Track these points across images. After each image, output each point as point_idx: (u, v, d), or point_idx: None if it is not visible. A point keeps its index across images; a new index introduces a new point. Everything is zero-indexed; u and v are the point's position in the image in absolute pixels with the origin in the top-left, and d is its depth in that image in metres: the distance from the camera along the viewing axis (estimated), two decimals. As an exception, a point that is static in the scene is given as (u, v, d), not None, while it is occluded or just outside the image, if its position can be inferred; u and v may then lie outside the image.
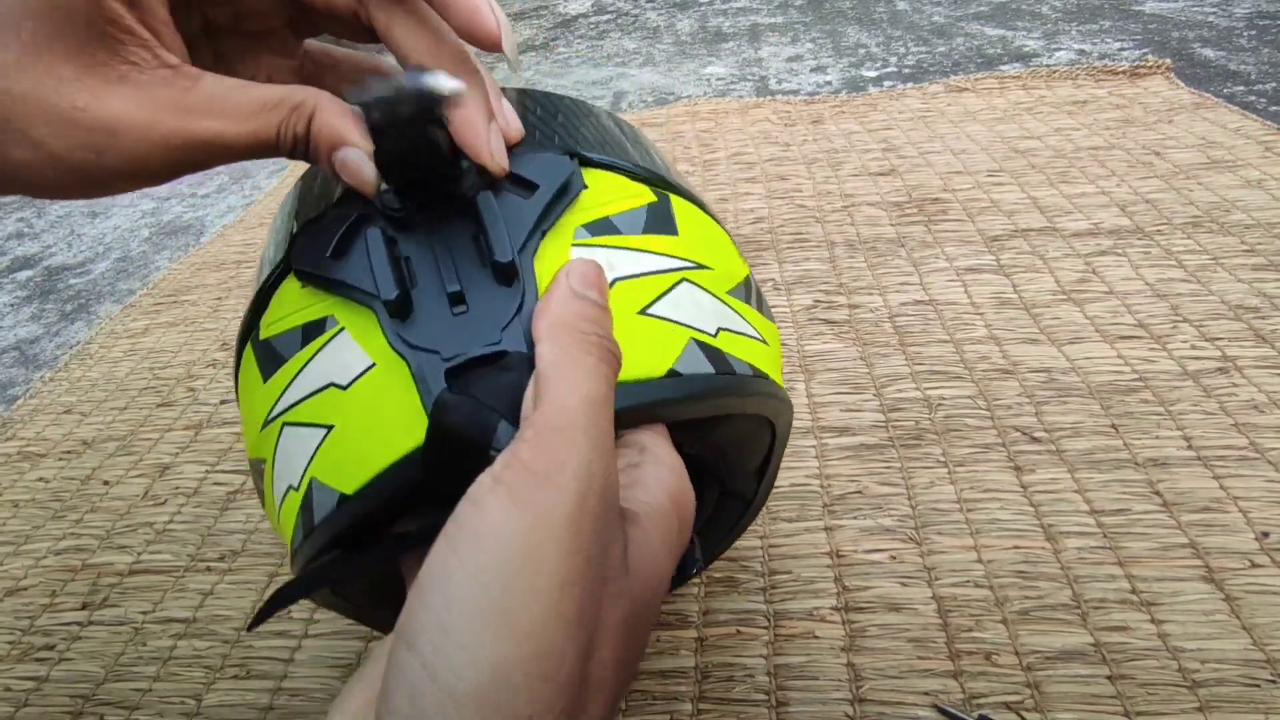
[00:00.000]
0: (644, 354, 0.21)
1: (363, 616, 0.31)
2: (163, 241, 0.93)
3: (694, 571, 0.22)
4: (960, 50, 1.10)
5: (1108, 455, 0.42)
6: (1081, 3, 1.21)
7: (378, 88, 0.19)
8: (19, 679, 0.40)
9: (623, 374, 0.20)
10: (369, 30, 0.23)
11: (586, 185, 0.23)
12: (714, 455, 0.27)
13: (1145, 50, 1.00)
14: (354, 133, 0.21)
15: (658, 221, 0.24)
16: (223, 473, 0.51)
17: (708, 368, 0.22)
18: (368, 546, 0.21)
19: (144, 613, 0.42)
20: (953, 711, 0.31)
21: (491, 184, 0.22)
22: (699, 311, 0.23)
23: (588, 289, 0.20)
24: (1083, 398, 0.46)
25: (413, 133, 0.19)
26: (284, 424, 0.22)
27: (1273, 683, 0.31)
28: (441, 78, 0.19)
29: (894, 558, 0.38)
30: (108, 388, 0.63)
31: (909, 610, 0.36)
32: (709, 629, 0.36)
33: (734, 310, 0.25)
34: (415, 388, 0.20)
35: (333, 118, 0.21)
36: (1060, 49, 1.05)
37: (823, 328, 0.56)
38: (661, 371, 0.21)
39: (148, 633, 0.41)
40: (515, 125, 0.23)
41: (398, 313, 0.20)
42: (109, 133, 0.20)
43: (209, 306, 0.73)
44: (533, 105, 0.26)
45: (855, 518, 0.41)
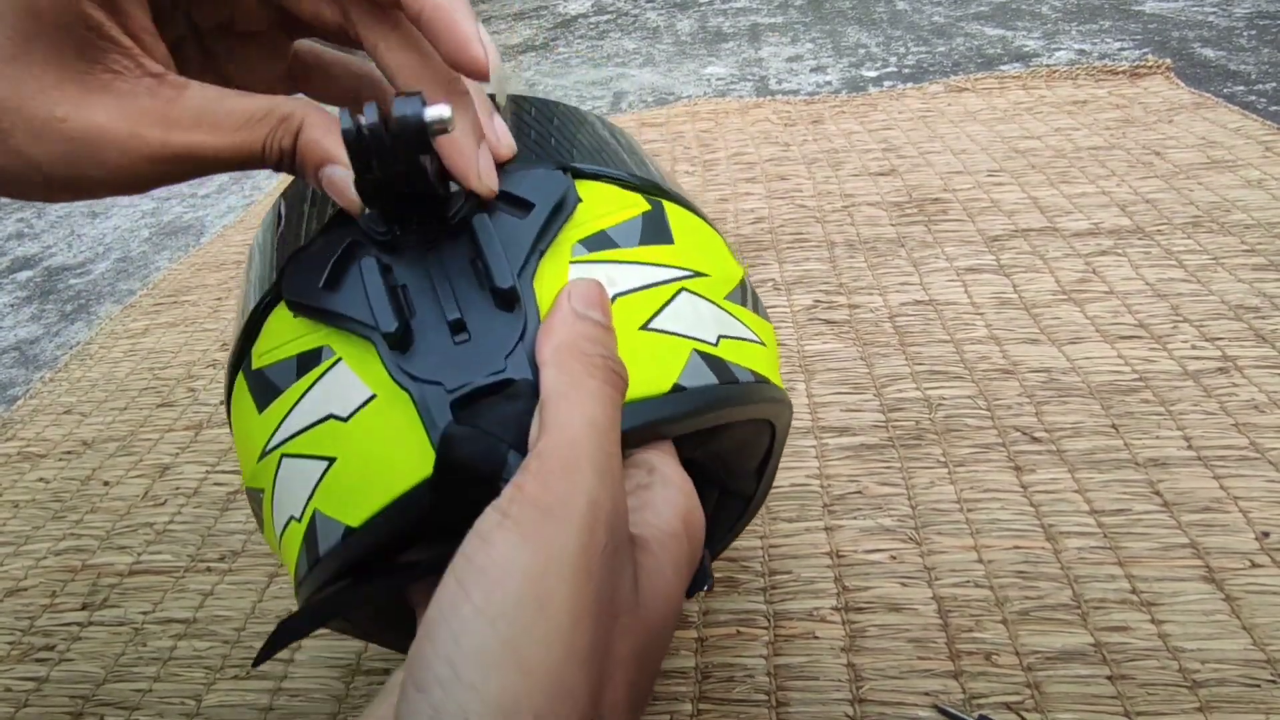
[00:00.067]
0: (647, 370, 0.21)
1: (369, 636, 0.30)
2: (163, 242, 0.93)
3: (706, 588, 0.21)
4: (960, 50, 1.10)
5: (1108, 455, 0.42)
6: (1081, 3, 1.21)
7: (366, 114, 0.18)
8: (19, 679, 0.40)
9: (628, 393, 0.20)
10: (356, 41, 0.22)
11: (581, 199, 0.23)
12: (715, 459, 0.27)
13: (1145, 50, 1.00)
14: (341, 150, 0.20)
15: (653, 231, 0.24)
16: (223, 473, 0.51)
17: (711, 378, 0.22)
18: (375, 577, 0.20)
19: (144, 613, 0.42)
20: (953, 712, 0.31)
21: (484, 204, 0.22)
22: (699, 321, 0.23)
23: (590, 309, 0.20)
24: (1083, 398, 0.46)
25: (399, 162, 0.19)
26: (283, 455, 0.22)
27: (1273, 683, 0.31)
28: (430, 106, 0.18)
29: (894, 558, 0.38)
30: (108, 388, 0.63)
31: (909, 610, 0.36)
32: (709, 629, 0.36)
33: (732, 316, 0.25)
34: (419, 419, 0.19)
35: (320, 134, 0.20)
36: (1060, 49, 1.05)
37: (823, 328, 0.56)
38: (666, 387, 0.21)
39: (148, 633, 0.41)
40: (507, 142, 0.23)
41: (398, 345, 0.20)
42: (91, 145, 0.19)
43: (209, 307, 0.73)
44: (528, 112, 0.26)
45: (855, 518, 0.41)
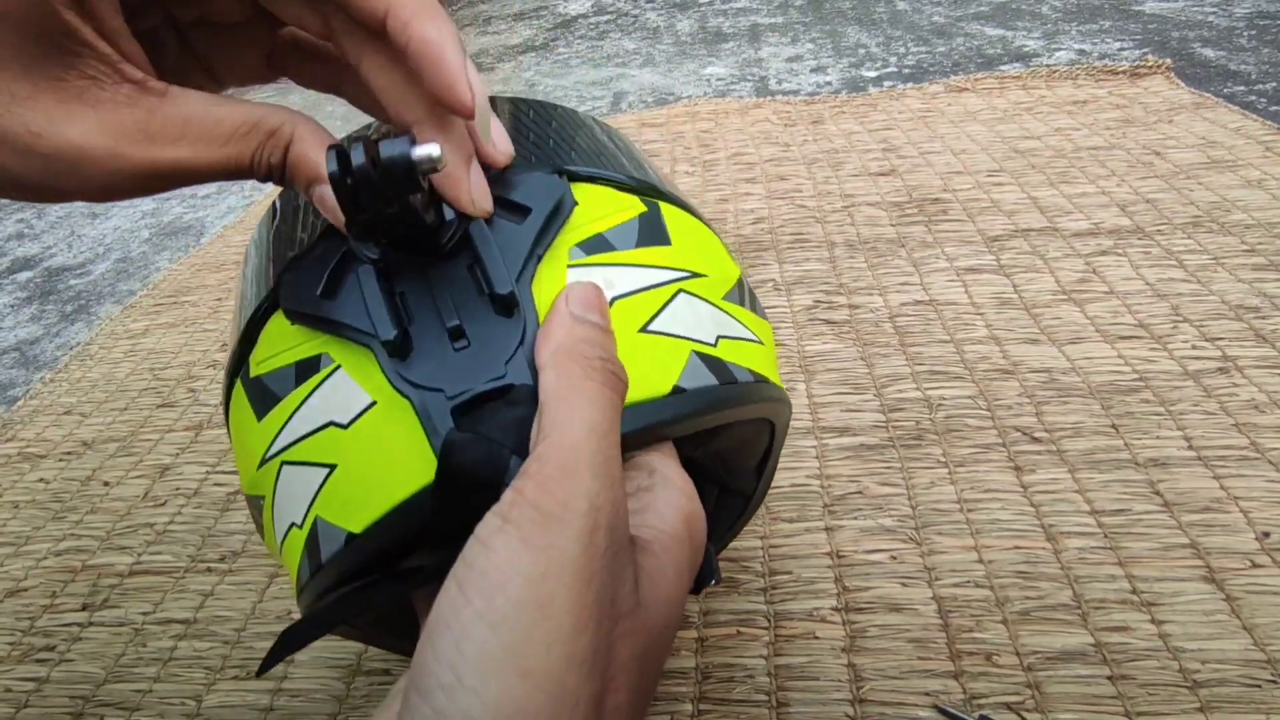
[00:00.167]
0: (647, 373, 0.21)
1: (372, 641, 0.30)
2: (163, 242, 0.93)
3: (714, 581, 0.21)
4: (960, 50, 1.10)
5: (1108, 455, 0.42)
6: (1081, 3, 1.21)
7: (353, 155, 0.18)
8: (19, 680, 0.40)
9: (628, 395, 0.20)
10: (337, 60, 0.21)
11: (577, 202, 0.23)
12: (715, 458, 0.27)
13: (1145, 50, 1.00)
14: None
15: (650, 233, 0.24)
16: (223, 473, 0.51)
17: (711, 380, 0.22)
18: (378, 583, 0.20)
19: (144, 614, 0.42)
20: (953, 712, 0.31)
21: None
22: (698, 322, 0.23)
23: (588, 312, 0.20)
24: (1083, 398, 0.46)
25: (389, 204, 0.18)
26: (283, 463, 0.22)
27: (1273, 683, 0.31)
28: (418, 146, 0.18)
29: (894, 558, 0.38)
30: (108, 389, 0.63)
31: (909, 611, 0.36)
32: (709, 629, 0.36)
33: (730, 315, 0.25)
34: (420, 426, 0.19)
35: (311, 150, 0.20)
36: (1060, 49, 1.05)
37: (823, 328, 0.56)
38: (666, 389, 0.21)
39: (148, 634, 0.41)
40: (505, 149, 0.22)
41: (397, 352, 0.20)
42: (70, 162, 0.18)
43: (209, 307, 0.73)
44: (526, 114, 0.26)
45: (855, 518, 0.41)
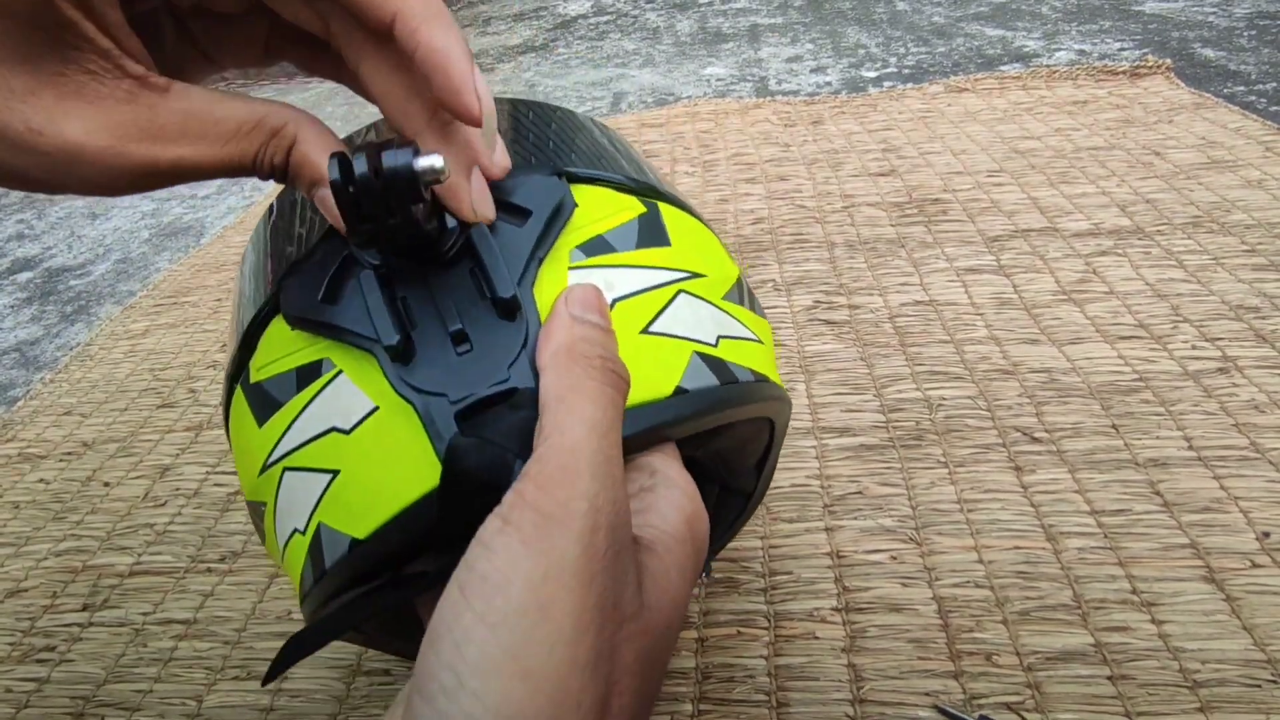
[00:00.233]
0: (650, 374, 0.21)
1: (377, 645, 0.30)
2: (163, 243, 0.93)
3: (704, 576, 0.22)
4: (960, 50, 1.10)
5: (1108, 455, 0.42)
6: (1081, 3, 1.21)
7: (355, 164, 0.18)
8: (20, 680, 0.40)
9: (630, 397, 0.20)
10: (338, 56, 0.21)
11: (577, 204, 0.23)
12: (715, 457, 0.27)
13: (1145, 50, 1.00)
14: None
15: (650, 234, 0.24)
16: (223, 474, 0.51)
17: (712, 380, 0.22)
18: (383, 589, 0.20)
19: (144, 614, 0.42)
20: (953, 712, 0.31)
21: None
22: (698, 322, 0.23)
23: (587, 312, 0.20)
24: (1083, 398, 0.46)
25: (391, 214, 0.18)
26: (285, 469, 0.22)
27: (1273, 683, 0.31)
28: (421, 157, 0.18)
29: (894, 558, 0.38)
30: (108, 389, 0.63)
31: (909, 611, 0.36)
32: (709, 629, 0.36)
33: (730, 315, 0.25)
34: (424, 431, 0.19)
35: (314, 152, 0.20)
36: (1060, 49, 1.05)
37: (823, 328, 0.56)
38: (668, 390, 0.21)
39: (148, 634, 0.41)
40: (502, 163, 0.22)
41: (400, 357, 0.20)
42: (69, 159, 0.18)
43: (209, 308, 0.73)
44: (526, 116, 0.26)
45: (855, 518, 0.41)
